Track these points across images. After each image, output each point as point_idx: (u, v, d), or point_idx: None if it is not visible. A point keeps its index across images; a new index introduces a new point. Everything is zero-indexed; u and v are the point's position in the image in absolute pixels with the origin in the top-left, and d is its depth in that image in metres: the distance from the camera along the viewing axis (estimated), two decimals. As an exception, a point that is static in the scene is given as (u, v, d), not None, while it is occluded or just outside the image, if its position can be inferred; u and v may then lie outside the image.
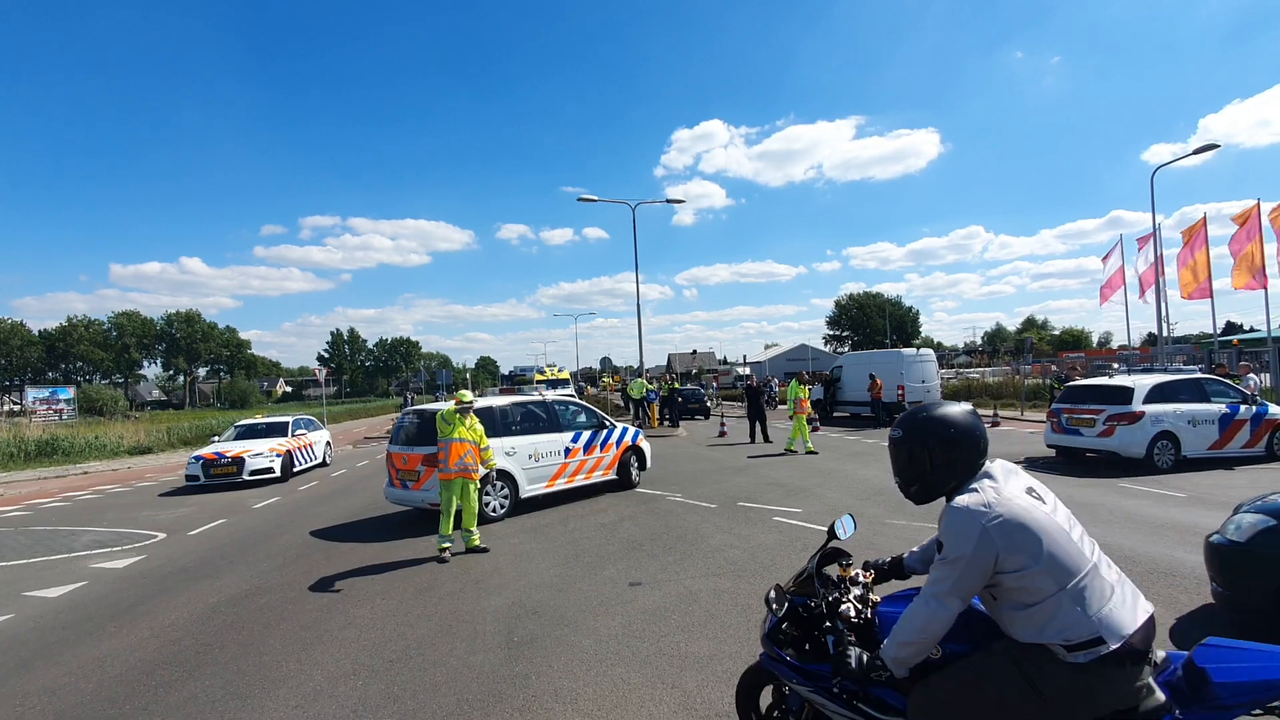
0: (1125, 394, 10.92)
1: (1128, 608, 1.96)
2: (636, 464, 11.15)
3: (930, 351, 23.36)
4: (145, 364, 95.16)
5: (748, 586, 5.63)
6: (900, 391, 20.92)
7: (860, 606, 2.42)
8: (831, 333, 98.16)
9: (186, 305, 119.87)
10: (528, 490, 9.40)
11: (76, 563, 7.96)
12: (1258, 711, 1.92)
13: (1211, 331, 24.23)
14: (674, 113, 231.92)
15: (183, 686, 4.27)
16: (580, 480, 10.23)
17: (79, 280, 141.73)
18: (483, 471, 7.54)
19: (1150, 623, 1.97)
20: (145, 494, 14.02)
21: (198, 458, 14.18)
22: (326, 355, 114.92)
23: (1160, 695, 1.95)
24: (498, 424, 9.19)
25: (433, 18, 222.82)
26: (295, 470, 15.45)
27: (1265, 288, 20.03)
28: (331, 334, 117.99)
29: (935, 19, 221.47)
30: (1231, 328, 62.72)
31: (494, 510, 8.86)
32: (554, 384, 34.46)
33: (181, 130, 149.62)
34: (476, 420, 7.57)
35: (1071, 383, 14.03)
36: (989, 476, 2.09)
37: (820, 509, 8.65)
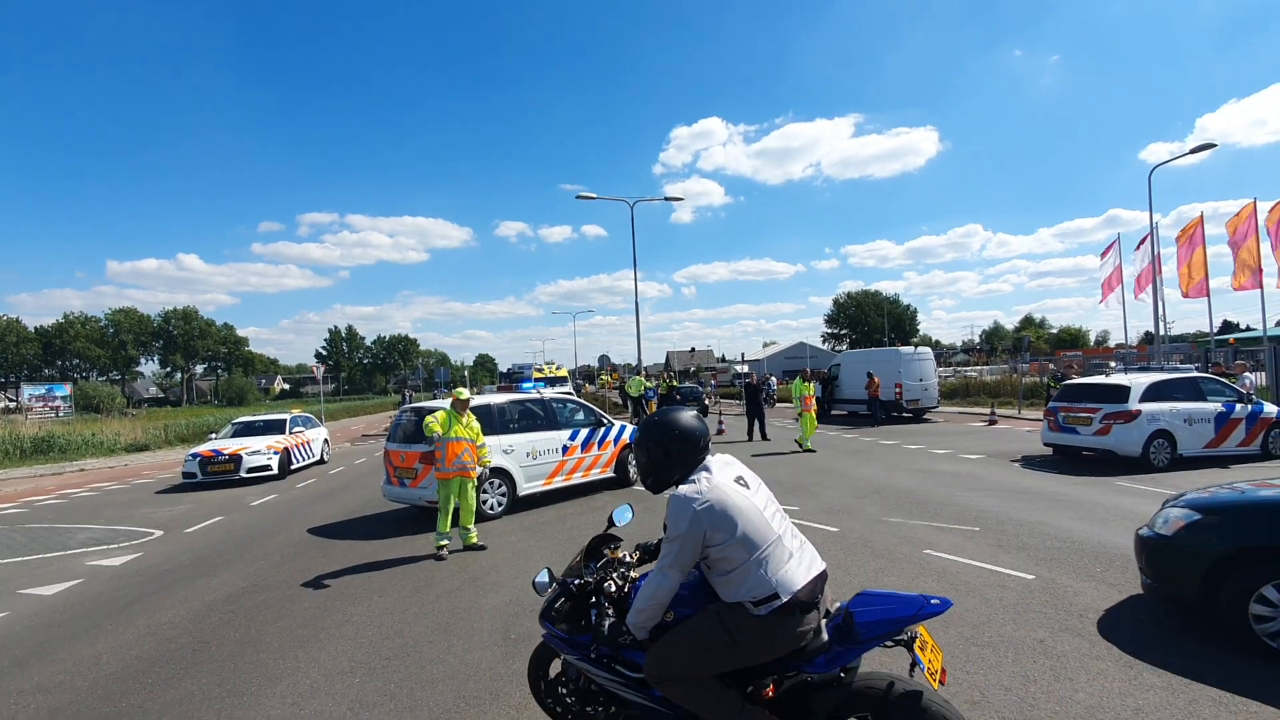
0: (1121, 393, 10.95)
1: (802, 569, 2.42)
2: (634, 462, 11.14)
3: (928, 350, 23.35)
4: (142, 361, 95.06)
5: (745, 584, 5.63)
6: (898, 390, 20.95)
7: (621, 583, 2.77)
8: (830, 331, 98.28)
9: (184, 302, 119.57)
10: (525, 488, 9.40)
11: (72, 560, 7.94)
12: (889, 644, 2.41)
13: (1208, 330, 24.32)
14: (673, 110, 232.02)
15: (179, 684, 4.27)
16: (578, 478, 10.23)
17: (75, 277, 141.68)
18: (479, 470, 7.53)
19: (818, 579, 2.44)
20: (142, 491, 14.00)
21: (195, 455, 14.15)
22: (324, 352, 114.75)
23: (825, 636, 2.44)
24: (495, 422, 9.18)
25: (431, 14, 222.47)
26: (293, 468, 15.43)
27: (1260, 287, 20.10)
28: (329, 331, 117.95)
29: (934, 17, 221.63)
30: (1228, 326, 62.91)
31: (491, 508, 8.86)
32: (552, 381, 34.43)
33: (178, 126, 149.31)
34: (473, 418, 7.56)
35: (1068, 381, 14.06)
36: (706, 469, 2.49)
37: (817, 507, 8.66)
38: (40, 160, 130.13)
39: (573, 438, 10.13)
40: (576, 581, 2.81)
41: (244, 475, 14.00)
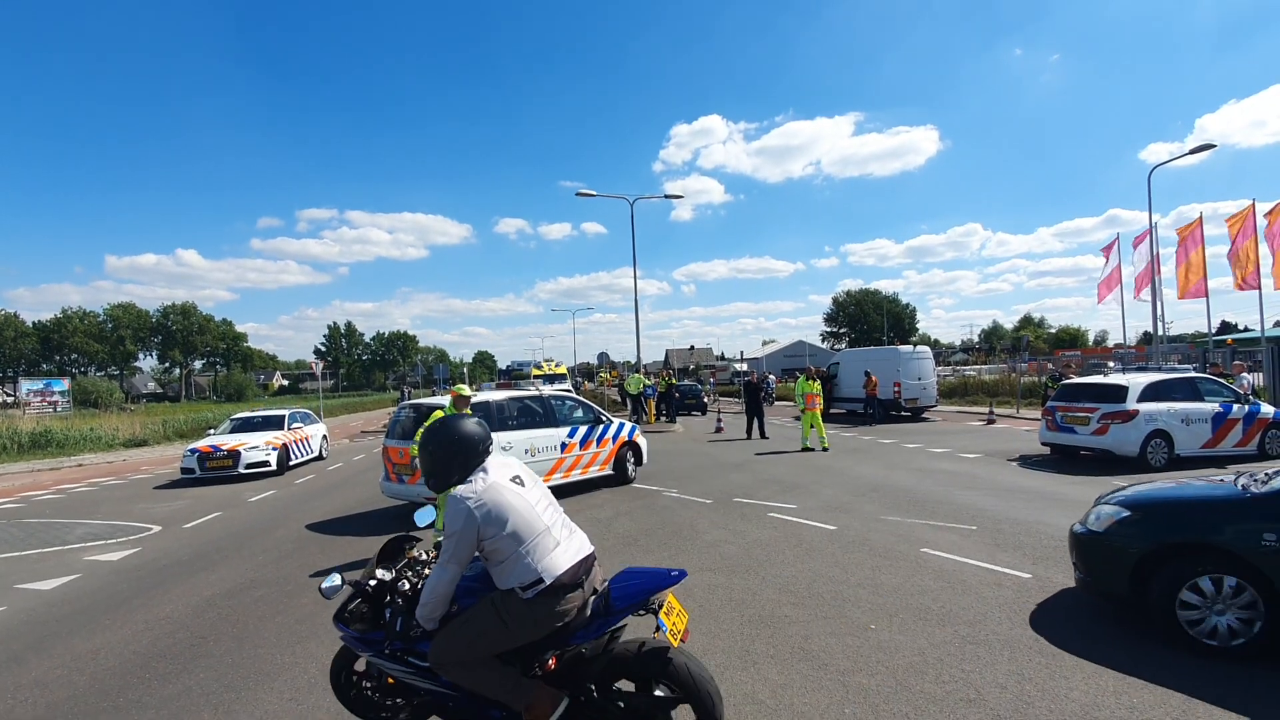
0: (1119, 392, 10.97)
1: (567, 555, 2.70)
2: (633, 459, 11.16)
3: (927, 349, 23.42)
4: (141, 356, 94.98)
5: (742, 581, 5.65)
6: (897, 388, 20.98)
7: (416, 580, 2.92)
8: (829, 329, 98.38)
9: (183, 298, 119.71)
10: (524, 485, 9.39)
11: (70, 555, 7.94)
12: (641, 612, 2.72)
13: (1206, 331, 24.35)
14: (673, 108, 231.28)
15: (177, 679, 4.27)
16: (576, 475, 10.23)
17: (74, 272, 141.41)
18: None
19: (582, 563, 2.73)
20: (140, 487, 13.99)
21: (193, 451, 14.14)
22: (323, 349, 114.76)
23: (589, 612, 2.74)
24: (494, 419, 9.18)
25: (431, 10, 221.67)
26: (291, 464, 15.42)
27: (1259, 288, 20.12)
28: (328, 327, 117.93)
29: (934, 15, 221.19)
30: (1226, 327, 63.00)
31: (490, 505, 8.85)
32: (551, 379, 34.42)
33: (177, 121, 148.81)
34: (471, 415, 7.57)
35: (1066, 381, 14.08)
36: (484, 471, 2.72)
37: (815, 505, 8.68)
38: (39, 154, 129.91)
39: (571, 435, 10.13)
40: (372, 582, 2.92)
41: (242, 471, 13.99)
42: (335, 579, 2.96)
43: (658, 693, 2.77)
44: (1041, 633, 4.35)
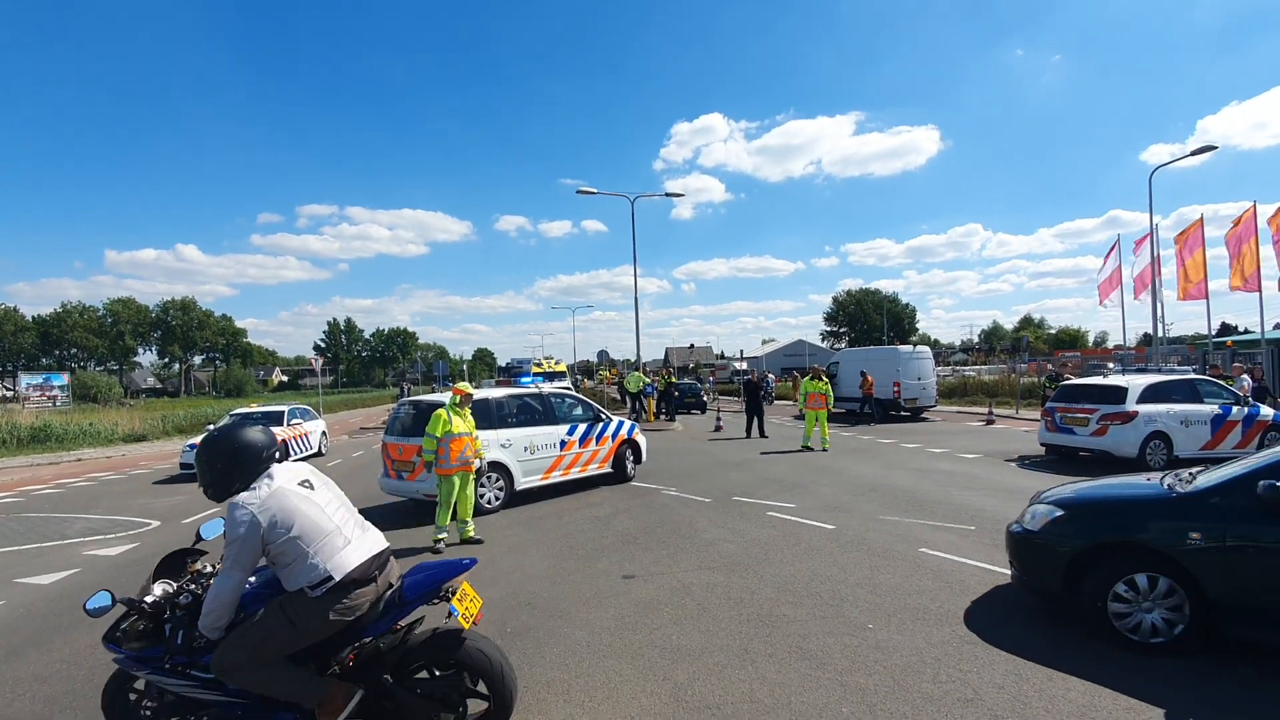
0: (1119, 393, 10.97)
1: (358, 552, 2.75)
2: (632, 458, 11.16)
3: (926, 349, 23.41)
4: (140, 351, 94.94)
5: (740, 580, 5.66)
6: (896, 388, 20.98)
7: (201, 592, 2.85)
8: (829, 329, 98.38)
9: (182, 293, 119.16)
10: (523, 483, 9.40)
11: (69, 550, 7.94)
12: (435, 601, 2.84)
13: (1206, 332, 24.36)
14: (673, 106, 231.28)
15: (175, 674, 4.27)
16: (575, 473, 10.23)
17: (74, 266, 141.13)
18: (477, 463, 7.53)
19: (375, 559, 2.80)
20: (139, 482, 13.99)
21: (192, 446, 14.12)
22: (323, 345, 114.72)
23: (382, 606, 2.80)
24: (493, 416, 9.18)
25: (432, 6, 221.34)
26: (290, 460, 15.39)
27: (1259, 290, 20.12)
28: (328, 323, 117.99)
29: (936, 15, 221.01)
30: (1226, 329, 63.04)
31: (489, 502, 8.87)
32: (550, 377, 34.40)
33: (178, 116, 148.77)
34: (468, 412, 7.57)
35: (1065, 381, 14.07)
36: (269, 477, 2.75)
37: (815, 504, 8.68)
38: (39, 149, 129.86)
39: (570, 433, 10.13)
40: (149, 598, 2.80)
41: (241, 467, 13.98)
42: (104, 597, 2.79)
43: (453, 676, 2.84)
44: (1039, 633, 4.36)
